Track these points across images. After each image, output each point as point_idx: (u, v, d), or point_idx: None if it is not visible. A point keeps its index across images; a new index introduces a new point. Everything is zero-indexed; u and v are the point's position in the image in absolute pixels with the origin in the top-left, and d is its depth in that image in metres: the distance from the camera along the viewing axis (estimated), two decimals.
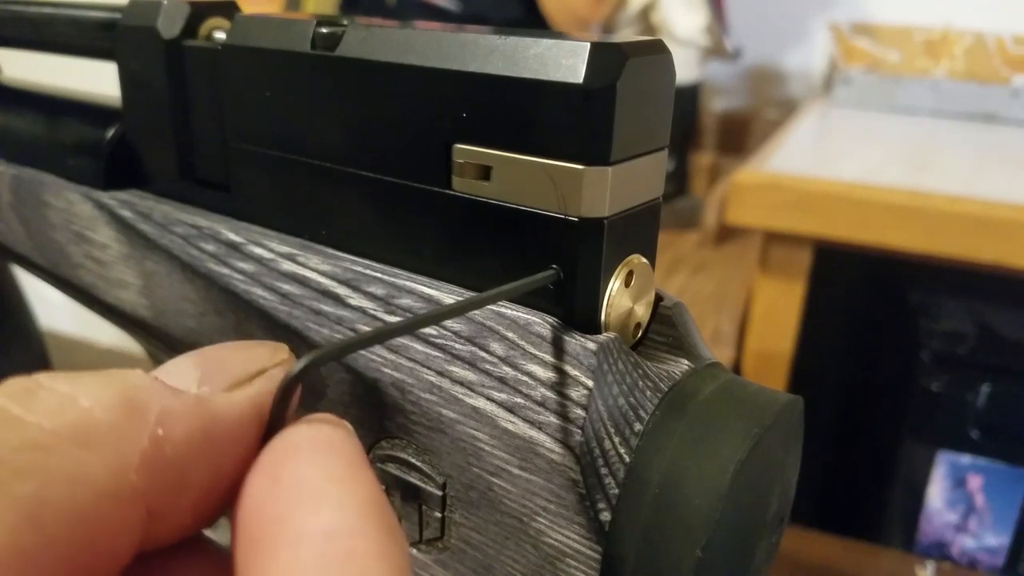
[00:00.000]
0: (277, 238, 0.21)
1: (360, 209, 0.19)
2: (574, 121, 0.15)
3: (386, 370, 0.18)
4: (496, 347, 0.17)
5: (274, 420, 0.13)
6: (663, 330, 0.19)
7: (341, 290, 0.19)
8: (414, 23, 0.18)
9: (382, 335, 0.14)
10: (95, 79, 0.28)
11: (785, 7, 1.09)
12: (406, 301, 0.18)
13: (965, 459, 0.70)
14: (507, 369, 0.17)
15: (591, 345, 0.16)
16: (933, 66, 0.93)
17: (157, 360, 0.27)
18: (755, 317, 0.66)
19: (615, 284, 0.17)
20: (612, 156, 0.16)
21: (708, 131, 1.11)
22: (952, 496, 0.71)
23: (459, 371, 0.17)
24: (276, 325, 0.20)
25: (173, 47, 0.21)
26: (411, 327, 0.15)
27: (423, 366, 0.18)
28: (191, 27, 0.22)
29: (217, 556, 0.14)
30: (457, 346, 0.17)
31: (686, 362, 0.18)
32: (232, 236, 0.21)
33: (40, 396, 0.11)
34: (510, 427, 0.17)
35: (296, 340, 0.20)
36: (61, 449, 0.11)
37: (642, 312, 0.18)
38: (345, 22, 0.19)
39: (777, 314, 0.66)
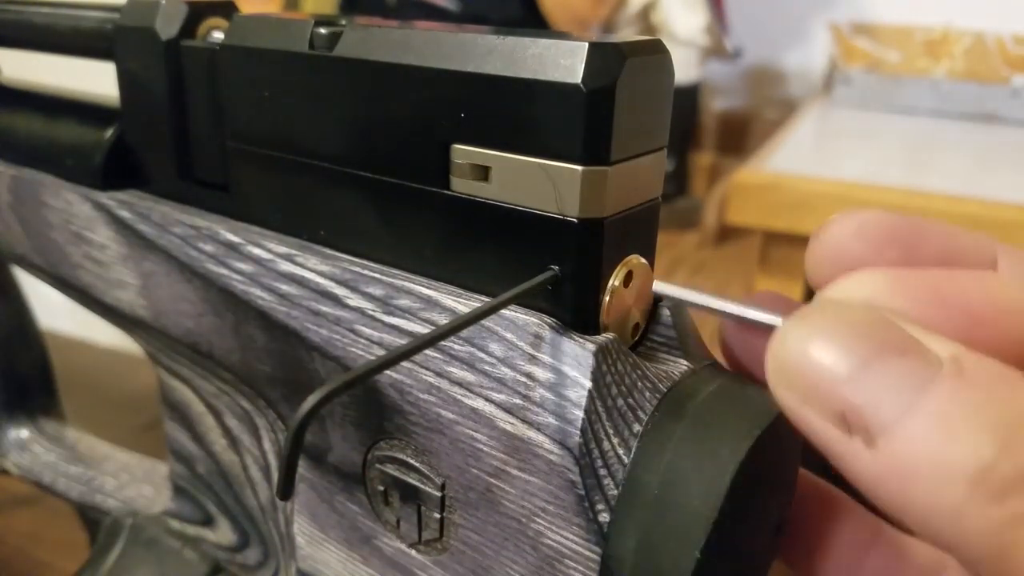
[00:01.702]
0: (275, 238, 0.21)
1: (359, 209, 0.19)
2: (572, 121, 0.15)
3: (384, 371, 0.18)
4: (494, 348, 0.17)
5: (290, 456, 0.13)
6: (662, 331, 0.19)
7: (339, 290, 0.19)
8: (413, 23, 0.18)
9: (390, 361, 0.14)
10: (95, 79, 0.28)
11: (785, 7, 1.09)
12: (404, 302, 0.18)
13: None
14: (505, 370, 0.17)
15: (590, 346, 0.16)
16: (933, 66, 0.93)
17: (156, 360, 0.27)
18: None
19: (614, 284, 0.17)
20: (611, 156, 0.16)
21: (708, 131, 1.11)
22: None
23: (457, 372, 0.17)
24: (275, 325, 0.20)
25: (171, 47, 0.21)
26: (417, 349, 0.15)
27: (421, 367, 0.18)
28: (189, 27, 0.21)
29: None
30: (455, 347, 0.17)
31: (685, 363, 0.18)
32: (230, 236, 0.21)
33: None
34: (509, 428, 0.17)
35: (295, 341, 0.20)
36: None
37: (641, 313, 0.18)
38: (343, 22, 0.19)
39: None
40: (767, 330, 0.15)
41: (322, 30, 0.19)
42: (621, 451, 0.16)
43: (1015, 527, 0.11)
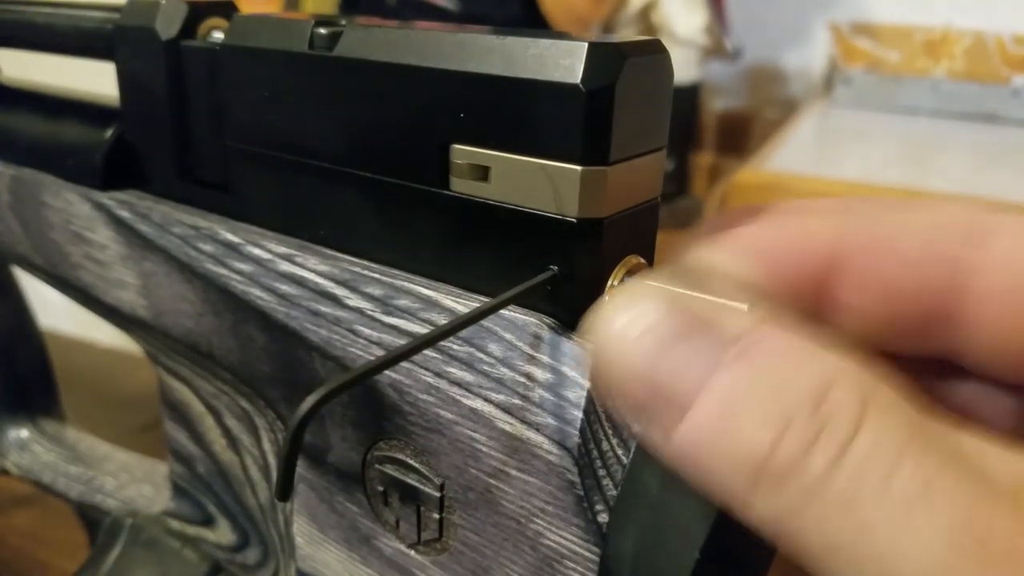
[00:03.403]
0: (275, 238, 0.21)
1: (358, 209, 0.19)
2: (572, 121, 0.15)
3: (384, 371, 0.18)
4: (494, 348, 0.17)
5: (288, 457, 0.13)
6: None
7: (339, 291, 0.19)
8: (413, 23, 0.18)
9: (389, 361, 0.14)
10: (95, 79, 0.28)
11: (785, 7, 1.09)
12: (404, 302, 0.18)
13: None
14: (505, 370, 0.17)
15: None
16: (933, 66, 0.93)
17: (156, 360, 0.27)
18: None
19: (613, 285, 0.17)
20: (610, 156, 0.16)
21: (708, 131, 1.11)
22: None
23: (457, 372, 0.17)
24: (274, 326, 0.20)
25: (171, 47, 0.21)
26: (416, 349, 0.15)
27: (421, 367, 0.18)
28: (189, 27, 0.21)
29: None
30: (455, 347, 0.17)
31: None
32: (230, 236, 0.21)
33: None
34: (508, 428, 0.17)
35: (294, 341, 0.20)
36: None
37: None
38: (343, 22, 0.19)
39: None
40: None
41: (322, 30, 0.19)
42: (620, 451, 0.16)
43: (792, 516, 0.11)
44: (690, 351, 0.12)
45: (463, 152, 0.17)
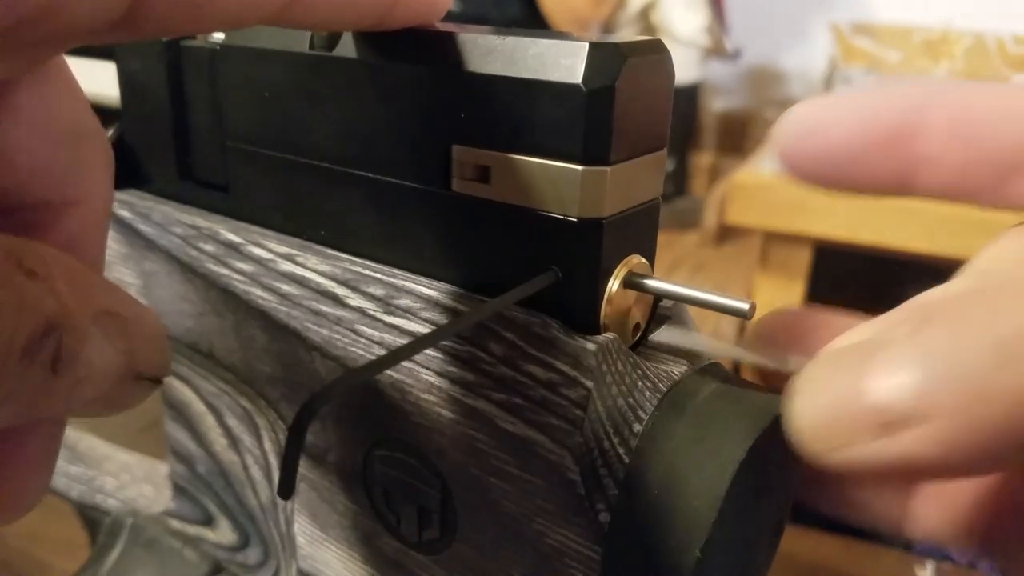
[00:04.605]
0: (276, 238, 0.21)
1: (359, 209, 0.19)
2: (572, 121, 0.15)
3: (385, 371, 0.18)
4: (495, 348, 0.17)
5: (290, 454, 0.13)
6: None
7: (340, 290, 0.19)
8: None
9: (390, 360, 0.14)
10: (95, 79, 0.28)
11: (785, 7, 1.09)
12: (405, 302, 0.18)
13: None
14: (506, 370, 0.17)
15: (590, 346, 0.16)
16: (933, 66, 0.93)
17: None
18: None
19: (614, 284, 0.17)
20: (611, 156, 0.16)
21: (708, 131, 1.11)
22: None
23: (458, 371, 0.17)
24: (275, 325, 0.20)
25: (171, 47, 0.21)
26: (417, 349, 0.15)
27: (422, 367, 0.18)
28: None
29: None
30: (456, 346, 0.17)
31: (685, 363, 0.18)
32: (231, 236, 0.21)
33: None
34: (509, 428, 0.17)
35: (295, 341, 0.20)
36: None
37: (641, 313, 0.18)
38: None
39: None
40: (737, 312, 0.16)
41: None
42: (621, 451, 0.16)
43: None
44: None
45: (464, 152, 0.17)
